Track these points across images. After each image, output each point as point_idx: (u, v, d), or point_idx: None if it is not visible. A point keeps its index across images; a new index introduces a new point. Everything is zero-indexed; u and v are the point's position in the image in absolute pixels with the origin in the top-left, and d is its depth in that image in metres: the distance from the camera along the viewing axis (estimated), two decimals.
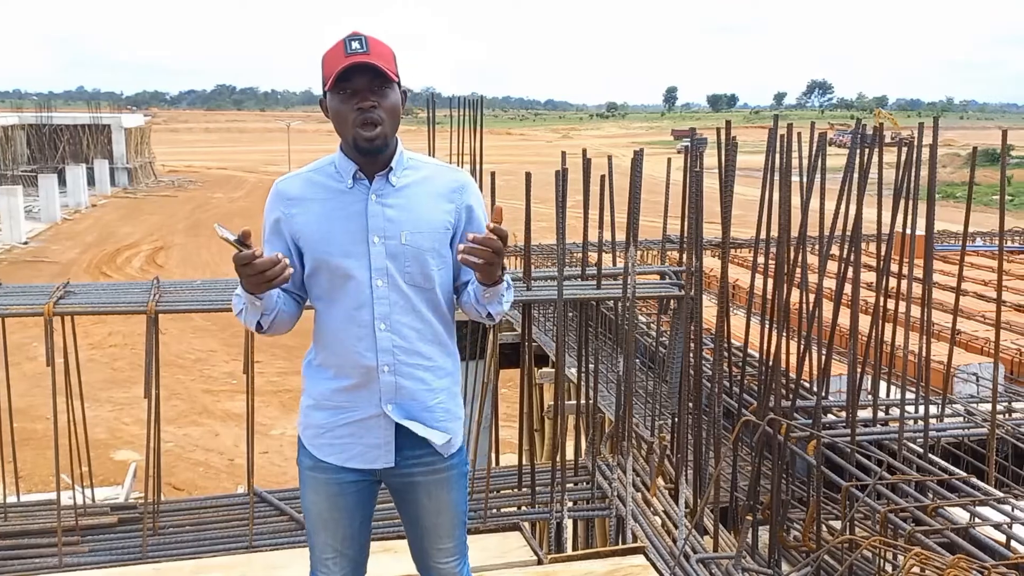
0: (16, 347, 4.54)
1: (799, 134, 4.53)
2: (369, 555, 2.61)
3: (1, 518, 4.23)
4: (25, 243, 33.83)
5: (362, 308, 2.30)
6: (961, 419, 5.02)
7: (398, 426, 2.36)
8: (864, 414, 4.65)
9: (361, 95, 2.21)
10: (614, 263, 5.25)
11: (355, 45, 2.21)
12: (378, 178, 2.32)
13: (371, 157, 2.29)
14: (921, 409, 4.50)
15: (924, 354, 4.44)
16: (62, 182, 43.00)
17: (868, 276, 6.84)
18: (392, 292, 2.31)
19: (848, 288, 4.38)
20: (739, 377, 5.07)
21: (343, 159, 2.34)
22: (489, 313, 2.37)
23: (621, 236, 4.85)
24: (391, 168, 2.32)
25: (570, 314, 5.66)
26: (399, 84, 2.28)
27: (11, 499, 4.56)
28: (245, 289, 2.20)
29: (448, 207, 2.37)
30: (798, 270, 4.47)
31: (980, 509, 3.73)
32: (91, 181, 47.54)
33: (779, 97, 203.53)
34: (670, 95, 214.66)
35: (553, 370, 7.53)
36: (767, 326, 4.50)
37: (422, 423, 2.37)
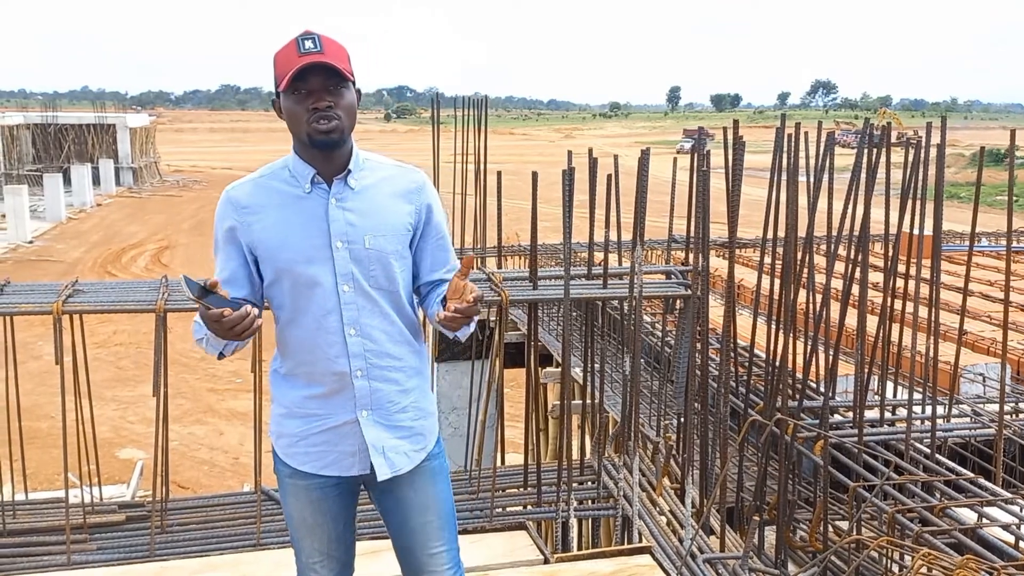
0: (21, 346, 4.55)
1: (806, 133, 4.52)
2: (355, 555, 2.58)
3: (10, 516, 4.24)
4: (30, 242, 33.90)
5: (330, 315, 2.27)
6: (968, 419, 5.01)
7: (372, 431, 2.33)
8: (871, 414, 4.64)
9: (316, 95, 2.18)
10: (620, 263, 5.24)
11: (308, 44, 2.18)
12: (337, 181, 2.27)
13: (327, 152, 2.25)
14: (928, 409, 4.49)
15: (931, 354, 4.43)
16: (67, 181, 43.06)
17: (875, 276, 6.83)
18: (359, 296, 2.27)
19: (855, 288, 4.38)
20: (745, 377, 5.06)
21: (298, 162, 2.29)
22: (456, 337, 2.34)
23: (627, 236, 4.85)
24: (349, 170, 2.28)
25: (575, 314, 5.66)
26: (353, 83, 2.26)
27: (19, 497, 4.57)
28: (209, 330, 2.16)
29: (408, 208, 2.34)
30: (805, 270, 4.47)
31: (988, 510, 3.72)
32: (96, 180, 47.60)
33: (783, 97, 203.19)
34: (673, 95, 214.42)
35: (558, 370, 7.53)
36: (774, 326, 4.50)
37: (386, 441, 2.34)
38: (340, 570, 2.51)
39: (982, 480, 4.01)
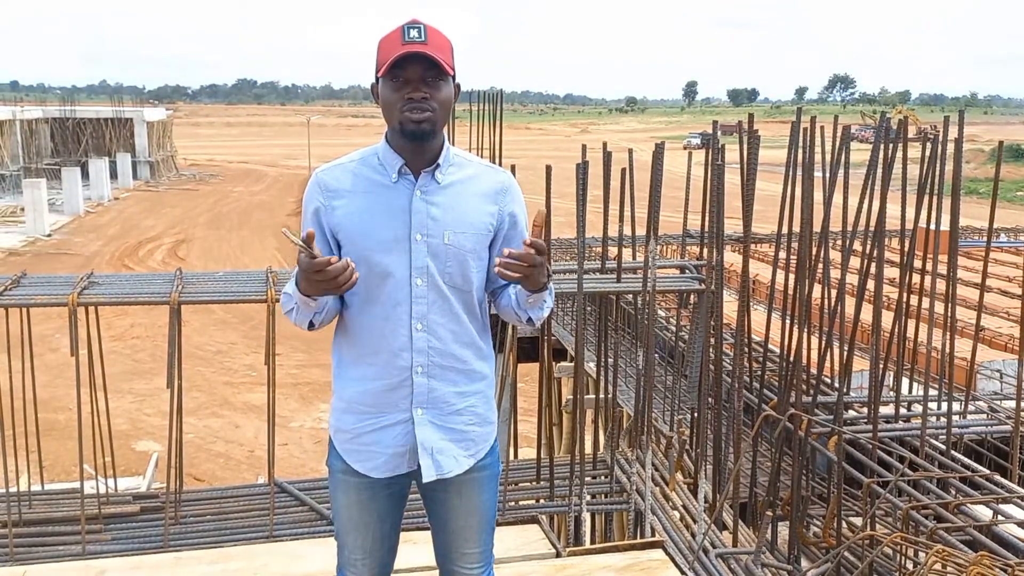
0: (38, 338, 4.59)
1: (822, 128, 4.49)
2: (395, 559, 2.57)
3: (26, 506, 4.28)
4: (48, 235, 34.18)
5: (399, 306, 2.24)
6: (984, 416, 4.98)
7: (426, 431, 2.31)
8: (886, 410, 4.62)
9: (413, 85, 2.16)
10: (634, 257, 5.23)
11: (413, 33, 2.15)
12: (424, 174, 2.25)
13: (418, 144, 2.22)
14: (944, 406, 4.46)
15: (947, 350, 4.40)
16: (85, 175, 43.41)
17: (891, 272, 6.80)
18: (431, 292, 2.25)
19: (871, 284, 4.35)
20: (759, 372, 5.05)
21: (387, 151, 2.28)
22: (529, 318, 2.32)
23: (641, 231, 4.84)
24: (438, 164, 2.26)
25: (589, 308, 5.65)
26: (453, 77, 2.22)
27: (35, 487, 4.61)
28: (302, 291, 2.14)
29: (492, 209, 2.31)
30: (820, 265, 4.44)
31: (1003, 507, 3.70)
32: (113, 174, 47.95)
33: (800, 92, 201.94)
34: (690, 89, 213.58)
35: (572, 364, 7.53)
36: (788, 321, 4.48)
37: (437, 442, 2.32)
38: (380, 569, 2.50)
39: (998, 477, 3.98)
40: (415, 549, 3.55)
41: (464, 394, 2.33)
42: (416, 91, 2.16)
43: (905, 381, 4.88)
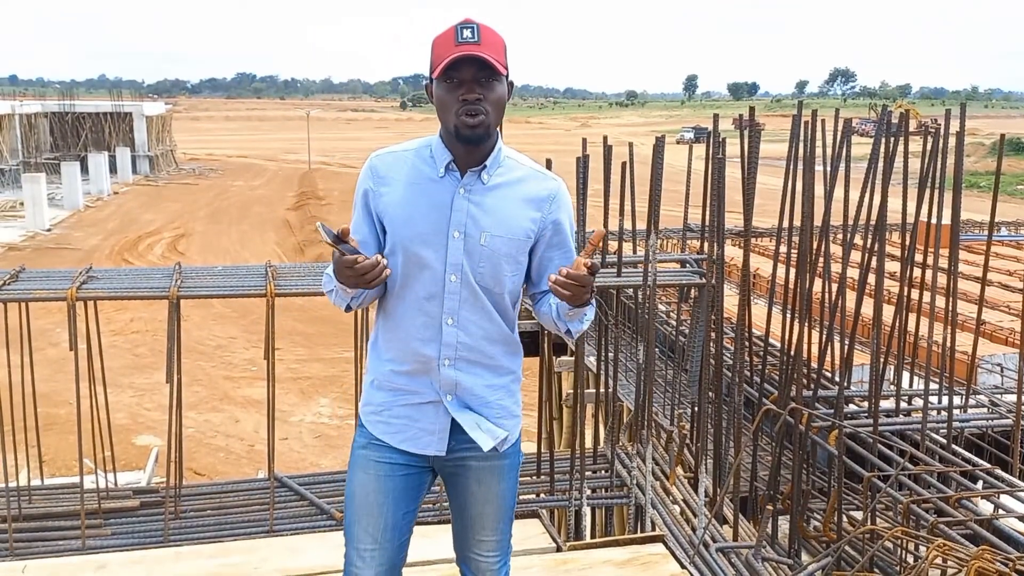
0: (39, 333, 4.58)
1: (823, 121, 4.48)
2: (405, 562, 2.52)
3: (26, 501, 4.27)
4: (48, 230, 34.17)
5: (432, 299, 2.27)
6: (985, 410, 4.97)
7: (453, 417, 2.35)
8: (887, 404, 4.62)
9: (467, 86, 2.17)
10: (634, 251, 5.22)
11: (466, 34, 2.16)
12: (470, 173, 2.27)
13: (470, 147, 2.24)
14: (945, 400, 4.45)
15: (948, 344, 4.39)
16: (84, 170, 43.37)
17: (892, 266, 6.79)
18: (464, 288, 2.27)
19: (872, 278, 4.34)
20: (760, 366, 5.04)
21: (440, 146, 2.30)
22: (568, 330, 2.33)
23: (641, 225, 4.82)
24: (485, 165, 2.27)
25: None
26: (506, 76, 2.24)
27: (35, 482, 4.61)
28: (339, 281, 2.19)
29: (535, 215, 2.31)
30: (821, 259, 4.43)
31: (1004, 500, 3.70)
32: (113, 169, 47.90)
33: (801, 85, 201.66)
34: (690, 83, 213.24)
35: (572, 358, 7.52)
36: (789, 315, 4.47)
37: (477, 418, 2.35)
38: (388, 568, 2.45)
39: (999, 471, 3.98)
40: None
41: (492, 387, 2.36)
42: (470, 92, 2.17)
43: (906, 375, 4.88)
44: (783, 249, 4.70)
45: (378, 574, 2.41)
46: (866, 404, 4.53)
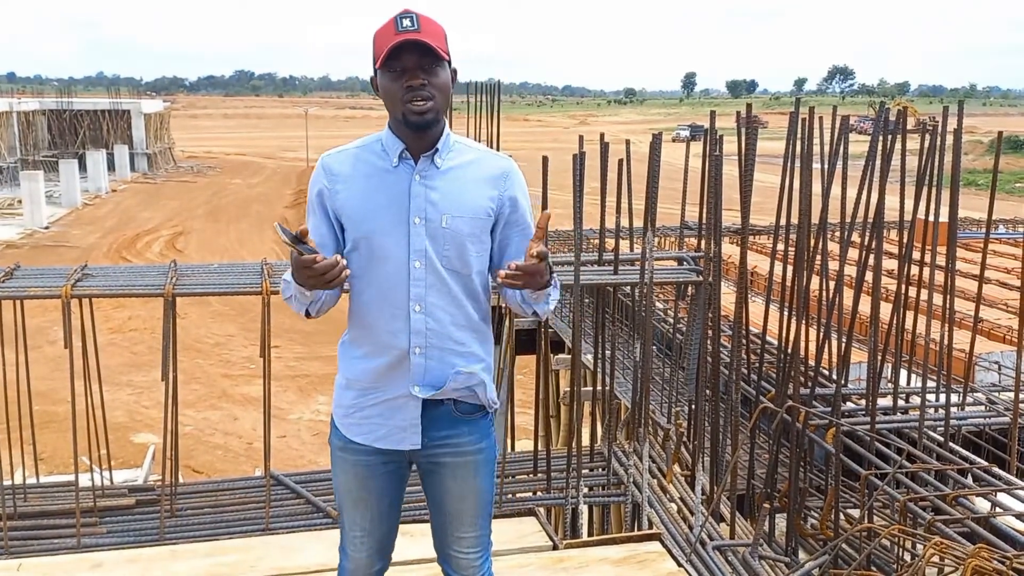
0: (37, 330, 4.57)
1: (820, 119, 4.47)
2: (396, 539, 2.60)
3: (21, 499, 4.26)
4: (46, 228, 34.12)
5: (398, 288, 2.29)
6: (983, 408, 4.96)
7: (425, 408, 2.35)
8: (884, 402, 4.61)
9: (411, 73, 2.20)
10: (631, 249, 5.21)
11: (406, 23, 2.19)
12: (423, 159, 2.30)
13: (420, 133, 2.27)
14: (942, 397, 4.45)
15: (946, 342, 4.39)
16: (82, 167, 43.29)
17: (889, 263, 6.78)
18: (429, 274, 2.29)
19: (869, 275, 4.33)
20: (757, 364, 5.03)
21: (390, 137, 2.33)
22: (535, 311, 2.35)
23: (639, 222, 4.81)
24: (437, 149, 2.30)
25: (587, 300, 5.63)
26: (449, 63, 2.26)
27: (31, 480, 4.60)
28: (298, 283, 2.19)
29: (492, 193, 2.34)
30: (818, 257, 4.42)
31: (1001, 498, 3.69)
32: (111, 166, 47.85)
33: (799, 83, 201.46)
34: (689, 81, 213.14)
35: (569, 356, 7.52)
36: (786, 313, 4.46)
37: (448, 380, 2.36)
38: (378, 549, 2.54)
39: (996, 469, 3.97)
40: (412, 542, 3.53)
41: (461, 375, 2.36)
42: (415, 78, 2.20)
43: (903, 373, 4.86)
44: (780, 247, 4.69)
45: (369, 555, 2.52)
46: (863, 402, 4.52)
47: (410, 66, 2.19)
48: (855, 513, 4.11)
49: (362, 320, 2.36)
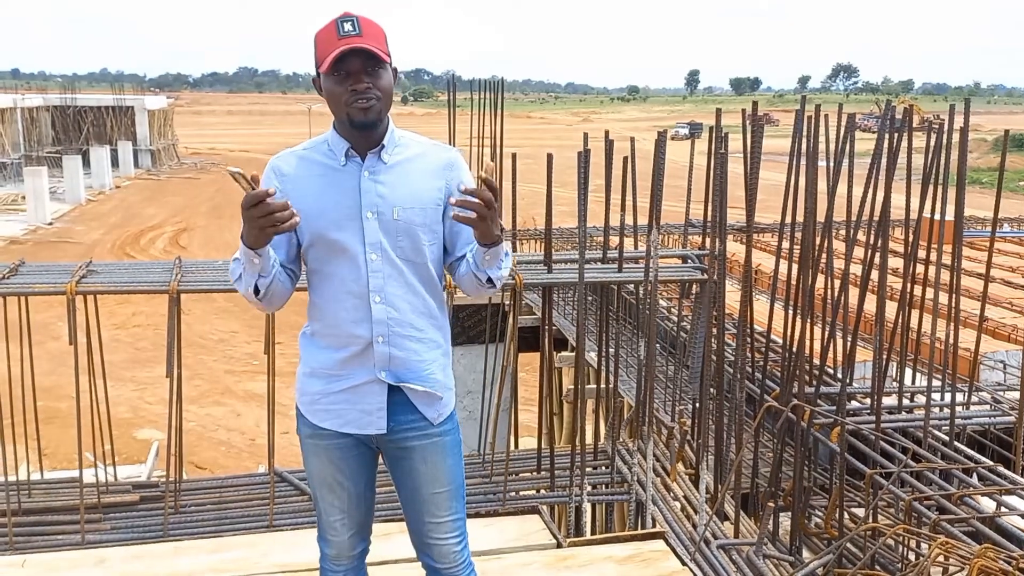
0: (41, 326, 4.57)
1: (826, 117, 4.45)
2: (374, 523, 2.66)
3: (25, 495, 4.27)
4: (50, 224, 34.15)
5: (357, 281, 2.37)
6: (988, 407, 4.95)
7: (391, 393, 2.42)
8: (889, 401, 4.59)
9: (355, 77, 2.27)
10: (635, 247, 5.20)
11: (347, 27, 2.26)
12: (370, 155, 2.37)
13: (365, 133, 2.34)
14: (947, 396, 4.44)
15: (951, 341, 4.37)
16: (86, 163, 43.32)
17: (895, 262, 6.76)
18: (386, 265, 2.37)
19: (874, 274, 4.32)
20: (762, 363, 5.02)
21: (336, 137, 2.40)
22: (489, 278, 2.40)
23: (643, 220, 4.80)
24: (383, 146, 2.38)
25: (590, 298, 5.63)
26: (390, 64, 2.34)
27: (35, 476, 4.60)
28: (246, 243, 2.20)
29: (439, 183, 2.42)
30: (823, 255, 4.41)
31: (1007, 498, 3.68)
32: (115, 163, 47.87)
33: (803, 80, 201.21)
34: (692, 78, 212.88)
35: (572, 354, 7.51)
36: (791, 311, 4.45)
37: (410, 391, 2.44)
38: (358, 530, 2.60)
39: (1001, 468, 3.96)
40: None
41: (424, 361, 2.45)
42: (359, 82, 2.28)
43: (908, 371, 4.85)
44: (785, 245, 4.68)
45: (351, 535, 2.59)
46: (868, 401, 4.51)
47: (354, 70, 2.26)
48: (860, 512, 4.10)
49: (323, 313, 2.43)
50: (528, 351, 7.57)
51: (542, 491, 4.74)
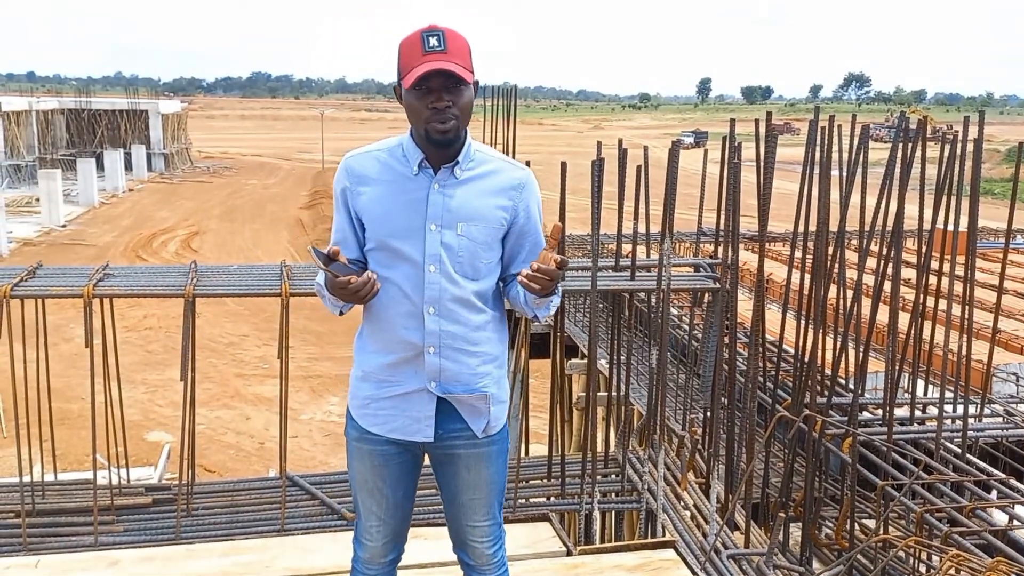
0: (53, 328, 4.60)
1: (839, 127, 4.46)
2: (410, 527, 2.68)
3: (39, 496, 4.29)
4: (63, 226, 34.35)
5: (414, 290, 2.37)
6: (1000, 419, 4.93)
7: (439, 402, 2.43)
8: (901, 412, 4.59)
9: (436, 94, 2.27)
10: (648, 255, 5.20)
11: (433, 42, 2.25)
12: (443, 169, 2.37)
13: (441, 149, 2.35)
14: (959, 408, 4.42)
15: (964, 353, 4.37)
16: (100, 166, 43.61)
17: (908, 273, 6.75)
18: (443, 278, 2.37)
19: (887, 285, 4.32)
20: (773, 372, 5.02)
21: (412, 146, 2.40)
22: (535, 315, 2.45)
23: (655, 228, 4.81)
24: (457, 161, 2.37)
25: (602, 305, 5.63)
26: (473, 80, 2.32)
27: (48, 477, 4.63)
28: (332, 296, 2.32)
29: (506, 203, 2.42)
30: (836, 265, 4.41)
31: (1019, 511, 3.67)
32: (128, 166, 48.17)
33: (815, 90, 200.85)
34: (704, 86, 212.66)
35: (584, 361, 7.51)
36: (803, 321, 4.45)
37: (459, 404, 2.45)
38: (393, 537, 2.62)
39: (1013, 481, 3.95)
40: (426, 544, 3.55)
41: (477, 375, 2.45)
42: (440, 100, 2.27)
43: (920, 383, 4.84)
44: (798, 254, 4.68)
45: (384, 543, 2.61)
46: (880, 412, 4.50)
47: (435, 87, 2.26)
48: (871, 524, 4.10)
49: (378, 316, 2.43)
50: (539, 358, 7.57)
51: (552, 498, 4.74)
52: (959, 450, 4.29)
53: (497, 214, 2.40)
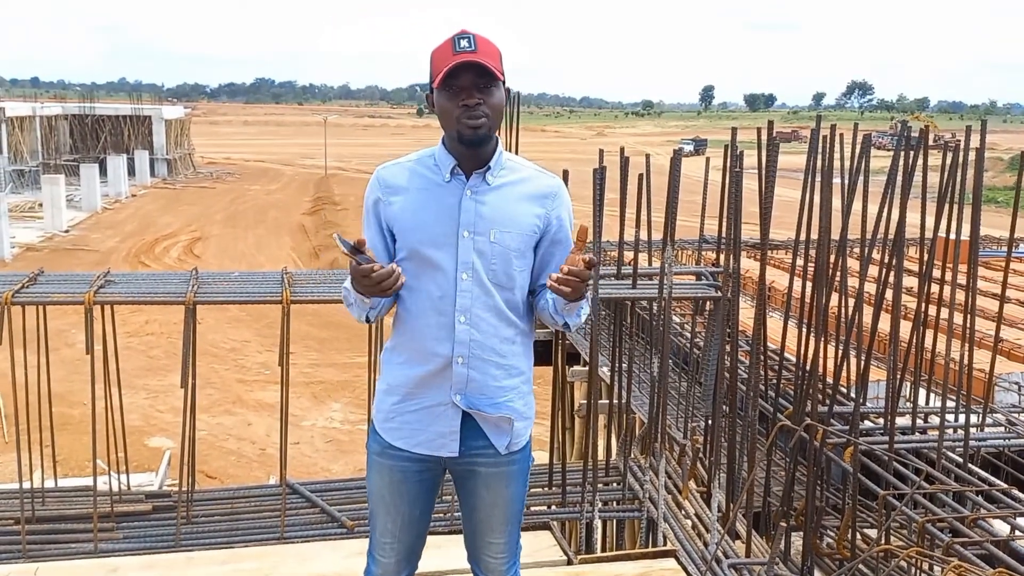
0: (55, 333, 4.61)
1: (841, 135, 4.46)
2: (424, 546, 2.65)
3: (39, 502, 4.29)
4: (66, 231, 34.41)
5: (445, 299, 2.36)
6: (1002, 429, 4.92)
7: (464, 417, 2.41)
8: (903, 421, 4.58)
9: (467, 92, 2.27)
10: (650, 263, 5.20)
11: (463, 44, 2.27)
12: (475, 175, 2.37)
13: (472, 150, 2.34)
14: (961, 418, 4.41)
15: (966, 362, 4.36)
16: (103, 172, 43.68)
17: (910, 281, 6.73)
18: (475, 287, 2.36)
19: (889, 293, 4.31)
20: (775, 381, 5.01)
21: (443, 153, 2.40)
22: (566, 323, 2.42)
23: (657, 236, 4.81)
24: (489, 167, 2.38)
25: (604, 313, 5.63)
26: (504, 82, 2.34)
27: (48, 483, 4.63)
28: (357, 291, 2.28)
29: (539, 211, 2.41)
30: (838, 274, 4.40)
31: (1021, 521, 3.65)
32: (131, 171, 48.27)
33: (818, 97, 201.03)
34: (707, 94, 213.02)
35: (585, 368, 7.50)
36: (805, 330, 4.44)
37: (483, 421, 2.42)
38: (406, 555, 2.59)
39: (1015, 491, 3.94)
40: (440, 553, 3.52)
41: (503, 388, 2.43)
42: (470, 97, 2.28)
43: (922, 392, 4.83)
44: (800, 262, 4.67)
45: (398, 560, 2.58)
46: (882, 421, 4.49)
47: (466, 85, 2.27)
48: (872, 533, 4.08)
49: (407, 327, 2.42)
50: (540, 364, 7.55)
51: (553, 507, 4.73)
52: (961, 460, 4.28)
53: (531, 221, 2.39)
